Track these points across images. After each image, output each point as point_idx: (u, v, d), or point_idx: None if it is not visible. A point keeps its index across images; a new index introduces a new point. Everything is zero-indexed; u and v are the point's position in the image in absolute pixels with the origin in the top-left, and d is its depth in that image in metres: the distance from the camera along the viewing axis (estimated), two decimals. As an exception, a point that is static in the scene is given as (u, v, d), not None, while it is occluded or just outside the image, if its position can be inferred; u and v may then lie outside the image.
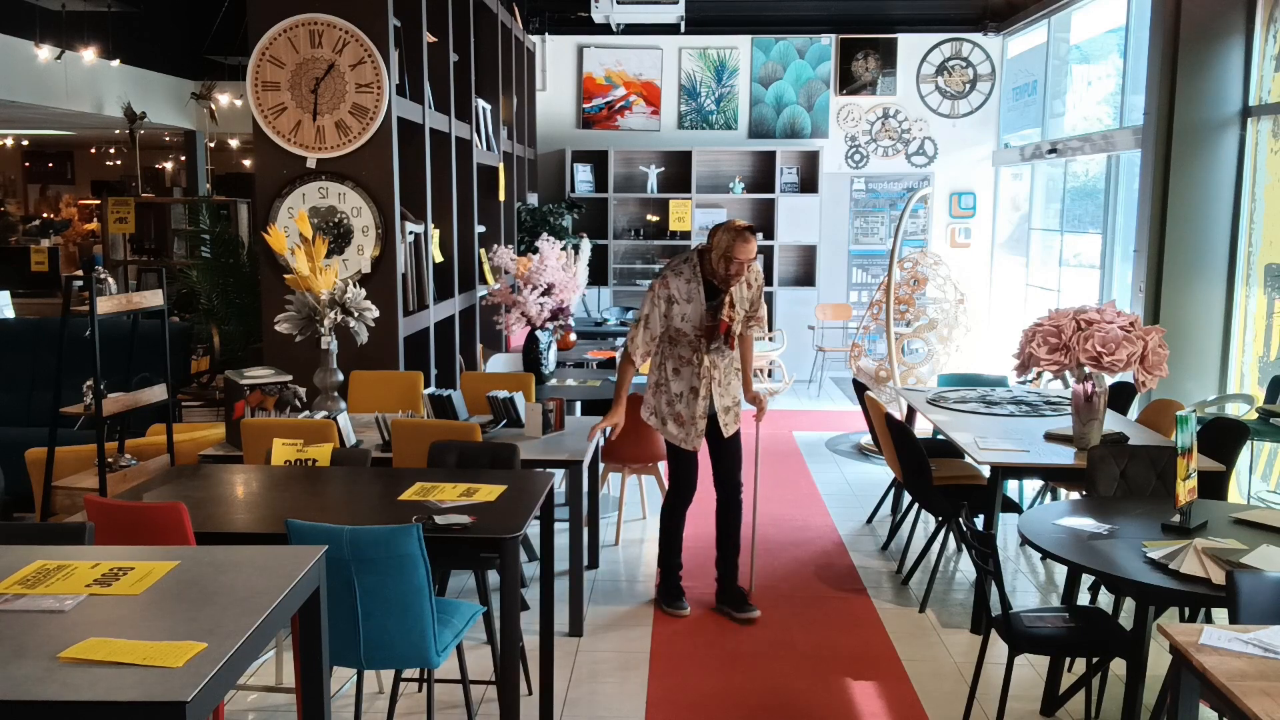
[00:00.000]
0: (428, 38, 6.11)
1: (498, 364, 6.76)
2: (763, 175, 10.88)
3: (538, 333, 6.24)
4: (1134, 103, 7.52)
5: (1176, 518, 3.51)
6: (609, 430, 4.61)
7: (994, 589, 3.53)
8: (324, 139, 5.32)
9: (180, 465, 4.50)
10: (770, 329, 10.85)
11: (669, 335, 4.61)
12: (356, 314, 4.67)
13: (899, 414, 6.05)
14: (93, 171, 18.38)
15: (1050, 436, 4.85)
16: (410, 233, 5.82)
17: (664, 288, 4.55)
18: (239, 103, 11.14)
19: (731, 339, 4.61)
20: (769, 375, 10.26)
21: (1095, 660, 3.74)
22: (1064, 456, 4.55)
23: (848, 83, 10.89)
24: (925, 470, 4.91)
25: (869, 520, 6.16)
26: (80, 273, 8.32)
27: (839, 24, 10.80)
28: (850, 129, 10.94)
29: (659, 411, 4.72)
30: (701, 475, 4.83)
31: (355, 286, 4.79)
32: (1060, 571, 5.19)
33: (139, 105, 10.17)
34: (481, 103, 7.66)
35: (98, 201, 15.01)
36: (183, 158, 14.82)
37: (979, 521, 4.82)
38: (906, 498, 5.80)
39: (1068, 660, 4.07)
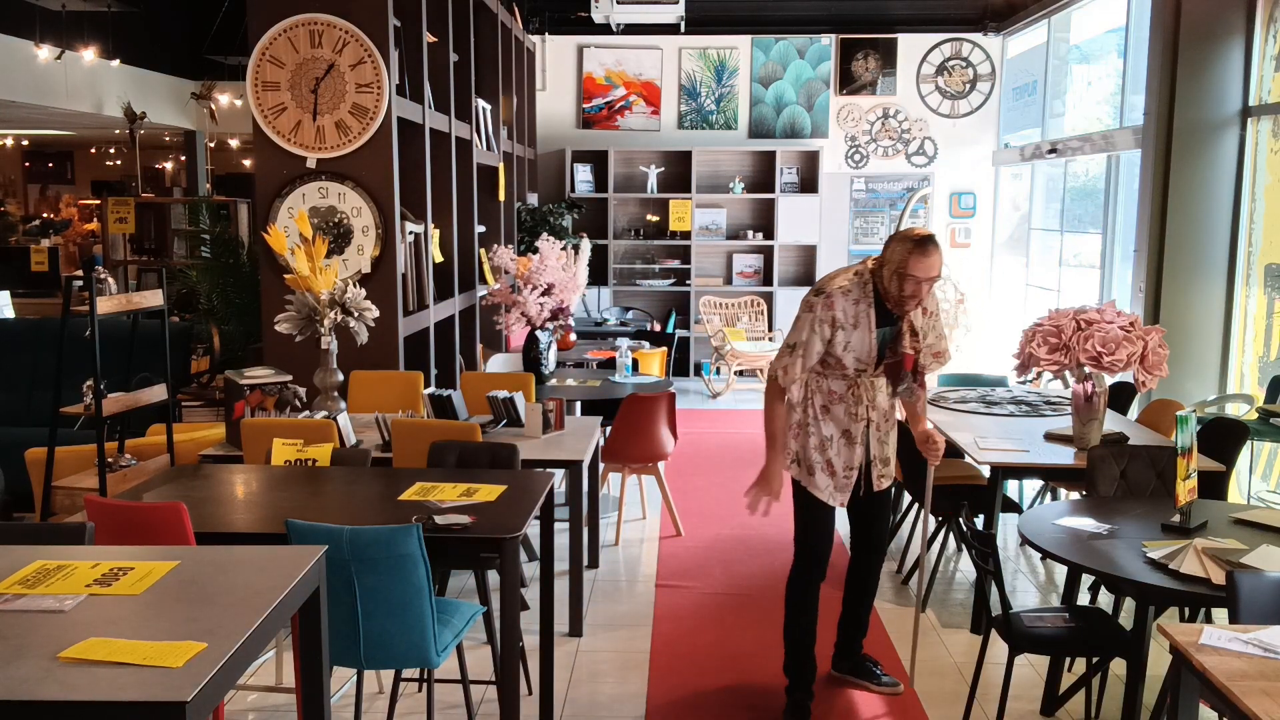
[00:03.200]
0: (428, 38, 6.11)
1: (498, 364, 6.76)
2: (763, 175, 10.88)
3: (538, 333, 6.24)
4: (1134, 103, 7.52)
5: (1176, 518, 3.51)
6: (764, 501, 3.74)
7: (994, 589, 3.53)
8: (324, 139, 5.32)
9: (180, 465, 4.50)
10: (769, 330, 10.81)
11: (820, 364, 3.76)
12: (356, 314, 4.67)
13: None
14: (93, 171, 18.38)
15: (1050, 436, 4.85)
16: (410, 233, 5.82)
17: (828, 309, 3.67)
18: (239, 103, 11.14)
19: (921, 375, 3.86)
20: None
21: (1095, 660, 3.74)
22: (1064, 456, 4.55)
23: (848, 83, 10.89)
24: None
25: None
26: (80, 273, 8.32)
27: (839, 24, 10.80)
28: (850, 129, 10.94)
29: (804, 459, 3.82)
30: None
31: (355, 286, 4.79)
32: (1060, 571, 5.19)
33: (139, 105, 10.17)
34: (481, 103, 7.66)
35: (98, 201, 15.01)
36: (183, 158, 14.81)
37: (979, 521, 4.82)
38: (906, 498, 5.80)
39: (1068, 660, 4.07)
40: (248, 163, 15.07)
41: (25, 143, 17.35)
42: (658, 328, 9.66)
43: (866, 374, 3.76)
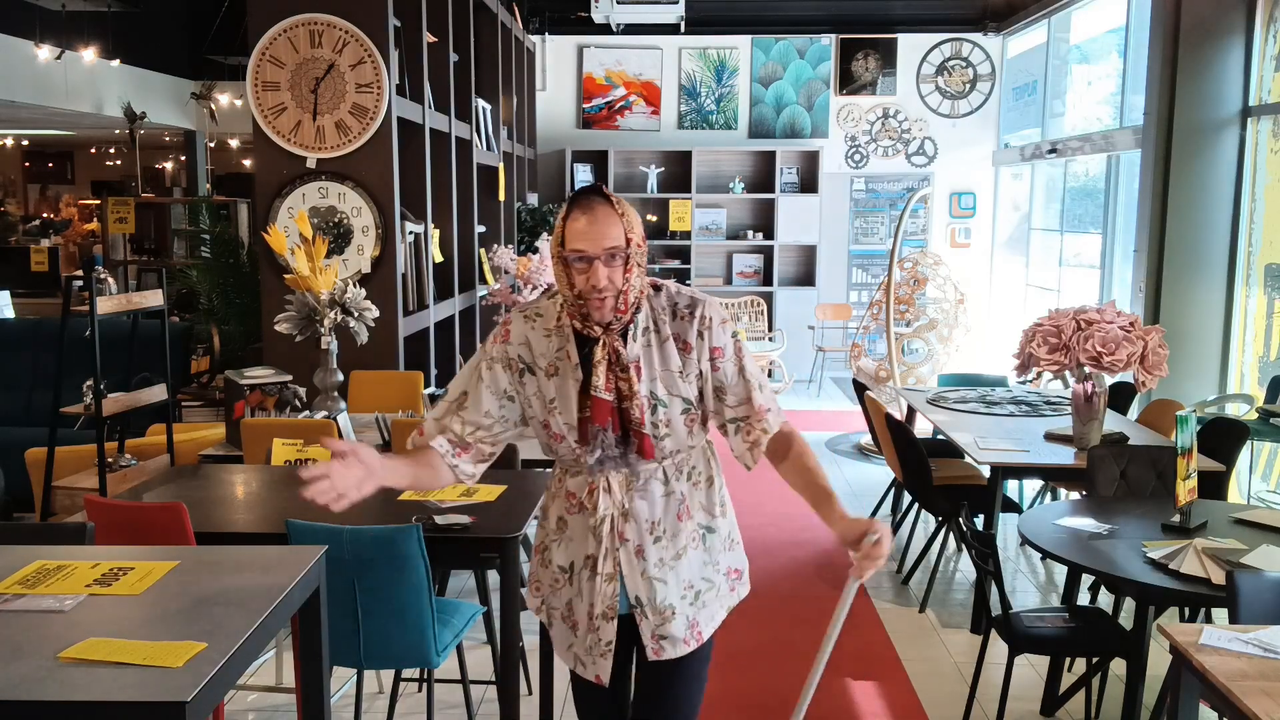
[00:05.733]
0: (428, 38, 6.11)
1: (498, 364, 6.75)
2: (763, 175, 10.88)
3: (538, 333, 6.23)
4: (1134, 103, 7.52)
5: (1176, 518, 3.51)
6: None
7: (994, 589, 3.53)
8: (324, 139, 5.32)
9: (180, 465, 4.50)
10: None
11: (545, 447, 2.39)
12: (356, 314, 4.67)
13: (899, 414, 6.05)
14: (93, 171, 18.38)
15: (1050, 436, 4.85)
16: (410, 233, 5.82)
17: (502, 340, 2.34)
18: (239, 103, 11.14)
19: (645, 445, 2.27)
20: (769, 375, 10.25)
21: (1095, 660, 3.74)
22: (1064, 456, 4.55)
23: (848, 83, 10.89)
24: (925, 470, 4.90)
25: (869, 520, 6.15)
26: (80, 273, 8.32)
27: (839, 24, 10.80)
28: (850, 129, 10.94)
29: (544, 594, 2.46)
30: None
31: (355, 286, 4.79)
32: (1060, 571, 5.19)
33: (139, 105, 10.17)
34: (481, 103, 7.66)
35: (98, 201, 15.01)
36: (183, 158, 14.82)
37: (979, 521, 4.82)
38: (906, 498, 5.80)
39: (1068, 660, 4.08)
40: (248, 163, 15.07)
41: (25, 143, 17.35)
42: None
43: (606, 457, 2.29)
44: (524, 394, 2.32)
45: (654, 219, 10.91)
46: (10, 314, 8.60)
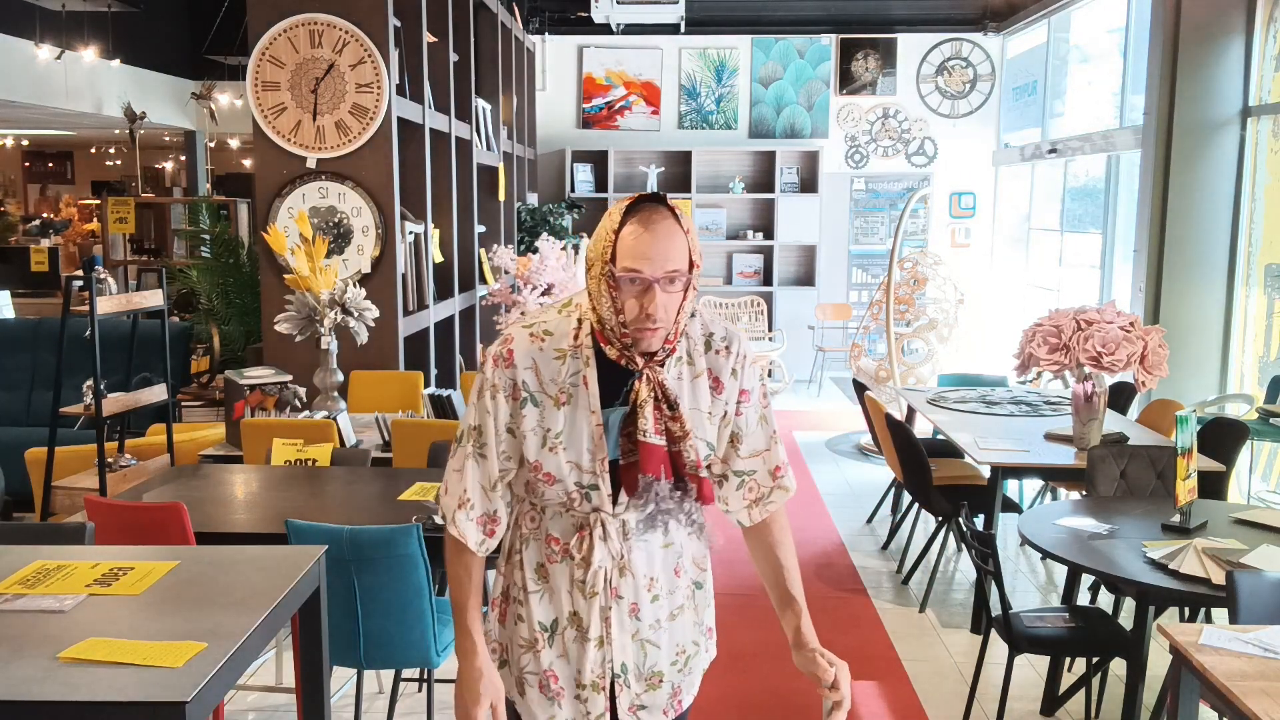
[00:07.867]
0: (428, 38, 6.11)
1: (498, 364, 6.75)
2: (763, 175, 10.88)
3: (538, 333, 6.23)
4: (1134, 103, 7.52)
5: (1176, 518, 3.51)
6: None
7: (994, 589, 3.53)
8: (324, 139, 5.32)
9: (180, 465, 4.50)
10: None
11: (525, 485, 2.05)
12: (356, 314, 4.67)
13: (899, 414, 6.05)
14: (93, 171, 18.39)
15: (1050, 436, 4.85)
16: (410, 233, 5.82)
17: (504, 365, 1.98)
18: (239, 103, 11.14)
19: (704, 490, 2.02)
20: (768, 375, 10.25)
21: (1095, 660, 3.74)
22: (1064, 456, 4.56)
23: (848, 83, 10.89)
24: (925, 470, 4.90)
25: (869, 520, 6.16)
26: (80, 273, 8.33)
27: (839, 24, 10.80)
28: (850, 129, 10.94)
29: (510, 659, 2.12)
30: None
31: (355, 286, 4.79)
32: (1060, 571, 5.19)
33: (139, 105, 10.17)
34: (481, 103, 7.66)
35: (98, 201, 15.01)
36: (183, 158, 14.82)
37: (979, 521, 4.82)
38: (906, 498, 5.80)
39: (1068, 660, 4.08)
40: (248, 163, 15.07)
41: (25, 143, 17.35)
42: (658, 328, 9.64)
43: (604, 503, 1.99)
44: (520, 429, 1.98)
45: (654, 219, 10.90)
46: (10, 314, 8.61)
